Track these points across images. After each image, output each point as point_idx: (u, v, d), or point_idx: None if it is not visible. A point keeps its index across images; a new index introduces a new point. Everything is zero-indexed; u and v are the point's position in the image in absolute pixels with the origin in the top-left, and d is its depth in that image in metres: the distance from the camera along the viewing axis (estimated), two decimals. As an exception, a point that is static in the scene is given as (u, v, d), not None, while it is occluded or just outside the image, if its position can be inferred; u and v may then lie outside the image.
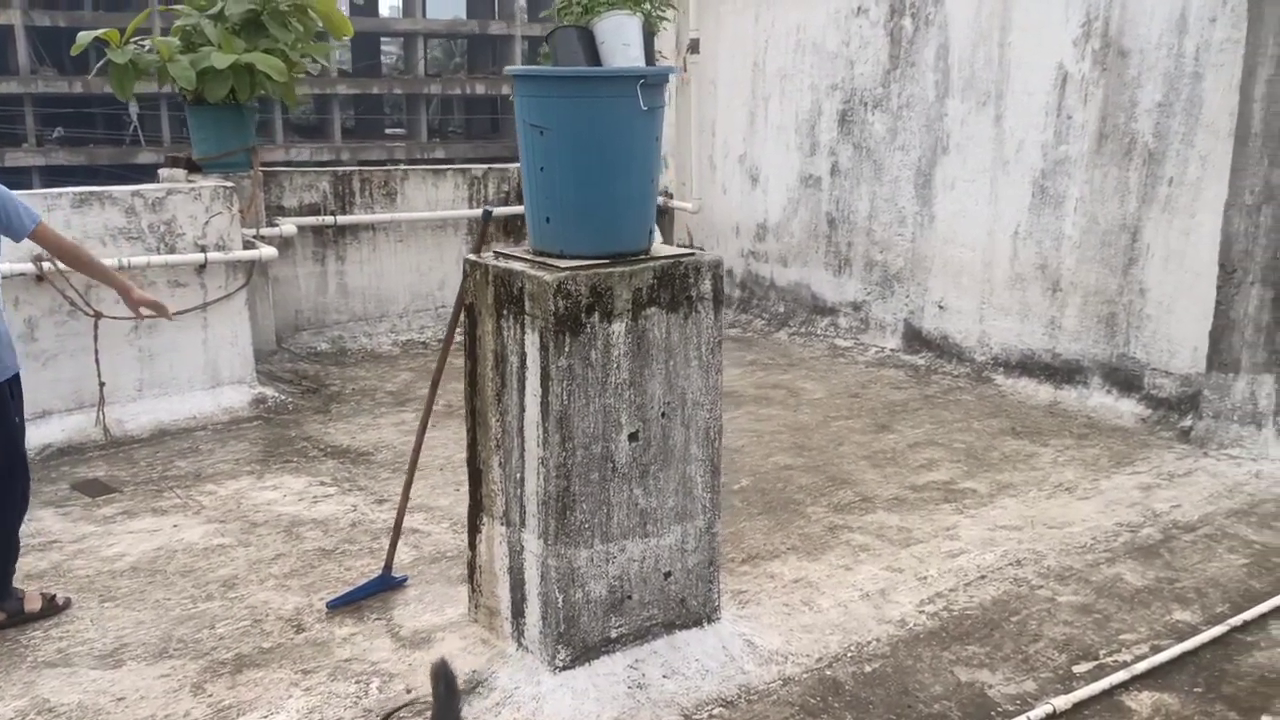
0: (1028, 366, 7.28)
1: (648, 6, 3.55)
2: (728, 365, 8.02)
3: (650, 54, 3.59)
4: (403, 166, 8.60)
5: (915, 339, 8.02)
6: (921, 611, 4.41)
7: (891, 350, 8.15)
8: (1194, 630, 4.24)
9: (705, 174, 9.51)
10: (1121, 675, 3.91)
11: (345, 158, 47.21)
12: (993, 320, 7.48)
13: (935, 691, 3.85)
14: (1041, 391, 7.14)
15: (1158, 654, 4.05)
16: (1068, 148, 6.86)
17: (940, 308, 7.81)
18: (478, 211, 8.71)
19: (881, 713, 3.72)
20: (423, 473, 5.83)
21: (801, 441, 6.40)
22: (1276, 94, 5.69)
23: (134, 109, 41.85)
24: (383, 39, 55.25)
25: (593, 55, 3.51)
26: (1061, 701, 3.73)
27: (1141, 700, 3.80)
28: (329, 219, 8.04)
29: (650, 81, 3.47)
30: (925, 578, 4.69)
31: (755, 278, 9.29)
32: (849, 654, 4.09)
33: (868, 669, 4.00)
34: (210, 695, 3.74)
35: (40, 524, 5.10)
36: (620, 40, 3.45)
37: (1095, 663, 4.04)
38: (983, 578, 4.69)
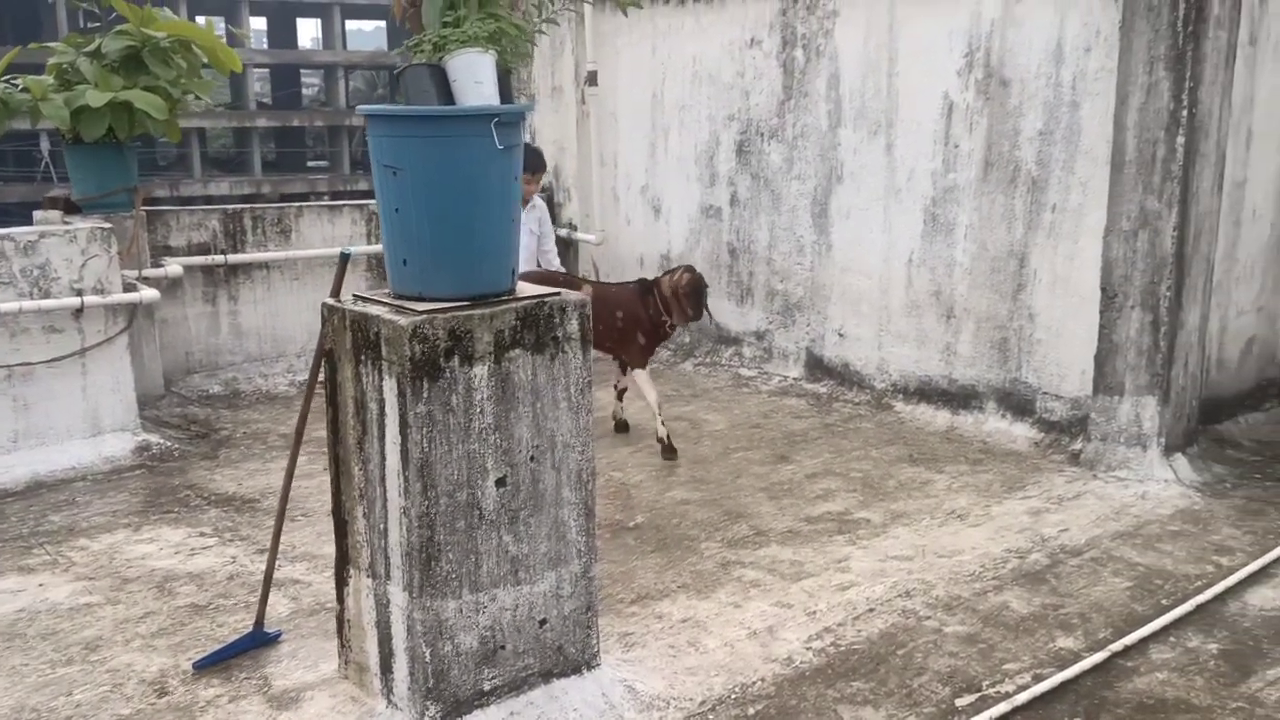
0: (925, 393, 7.32)
1: (503, 43, 3.48)
2: (632, 398, 7.96)
3: (506, 92, 3.52)
4: (297, 204, 8.43)
5: (817, 367, 8.03)
6: (808, 648, 4.36)
7: (794, 379, 8.16)
8: (1076, 657, 4.25)
9: (608, 205, 9.48)
10: (1003, 707, 3.89)
11: (266, 191, 46.58)
12: (891, 347, 7.52)
13: (817, 732, 3.80)
14: (939, 417, 7.18)
15: (1039, 683, 4.04)
16: (956, 176, 6.94)
17: (840, 335, 7.84)
18: (377, 248, 8.57)
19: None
20: (309, 519, 5.68)
21: (700, 475, 6.35)
22: (1148, 122, 5.81)
23: (45, 145, 40.88)
24: (303, 71, 54.77)
25: (445, 94, 3.43)
26: (941, 737, 3.69)
27: (1021, 732, 3.79)
28: (219, 258, 7.84)
29: (505, 120, 3.40)
30: (814, 612, 4.65)
31: (661, 309, 9.26)
32: (733, 696, 4.03)
33: (751, 711, 3.93)
34: None
35: (-105, 588, 4.85)
36: (473, 78, 3.39)
37: (978, 694, 4.02)
38: (871, 610, 4.66)
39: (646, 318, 6.76)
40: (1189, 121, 5.73)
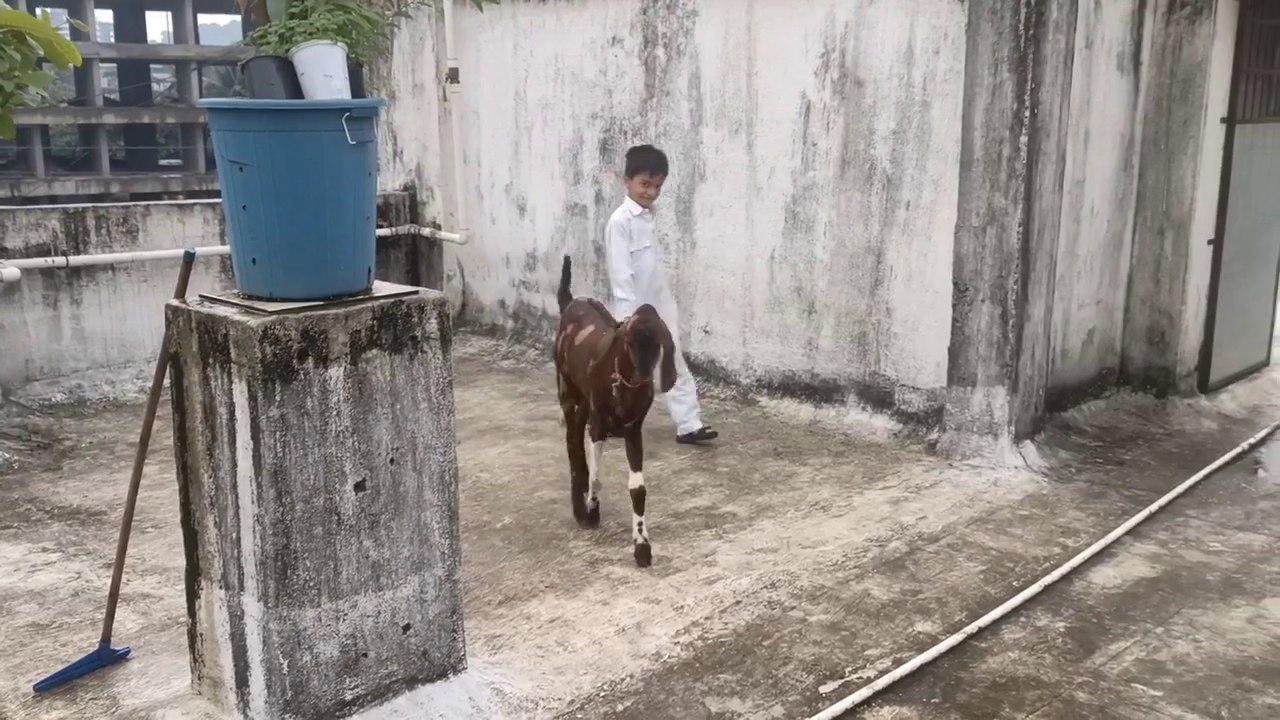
0: (789, 387, 7.45)
1: (354, 36, 3.39)
2: (499, 397, 7.89)
3: (359, 86, 3.44)
4: (144, 203, 8.08)
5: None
6: (676, 643, 4.38)
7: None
8: (933, 640, 4.37)
9: (473, 204, 9.37)
10: (864, 692, 3.98)
11: (116, 190, 44.50)
12: (755, 343, 7.63)
13: (685, 726, 3.82)
14: (802, 411, 7.31)
15: (899, 667, 4.15)
16: (815, 174, 7.08)
17: (706, 332, 7.91)
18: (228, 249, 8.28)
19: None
20: (160, 531, 5.45)
21: (567, 474, 6.29)
22: (994, 122, 6.03)
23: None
24: (153, 66, 52.62)
25: (294, 87, 3.33)
26: (805, 725, 3.76)
27: (882, 715, 3.88)
28: (60, 260, 7.47)
29: (356, 114, 3.32)
30: (682, 607, 4.67)
31: (527, 308, 9.20)
32: (601, 694, 4.02)
33: (619, 708, 3.93)
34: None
35: None
36: (321, 71, 3.29)
37: (841, 681, 4.10)
38: (738, 603, 4.72)
39: (604, 373, 5.08)
40: (1031, 121, 5.97)
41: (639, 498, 5.05)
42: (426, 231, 9.59)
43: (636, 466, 5.11)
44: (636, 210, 6.32)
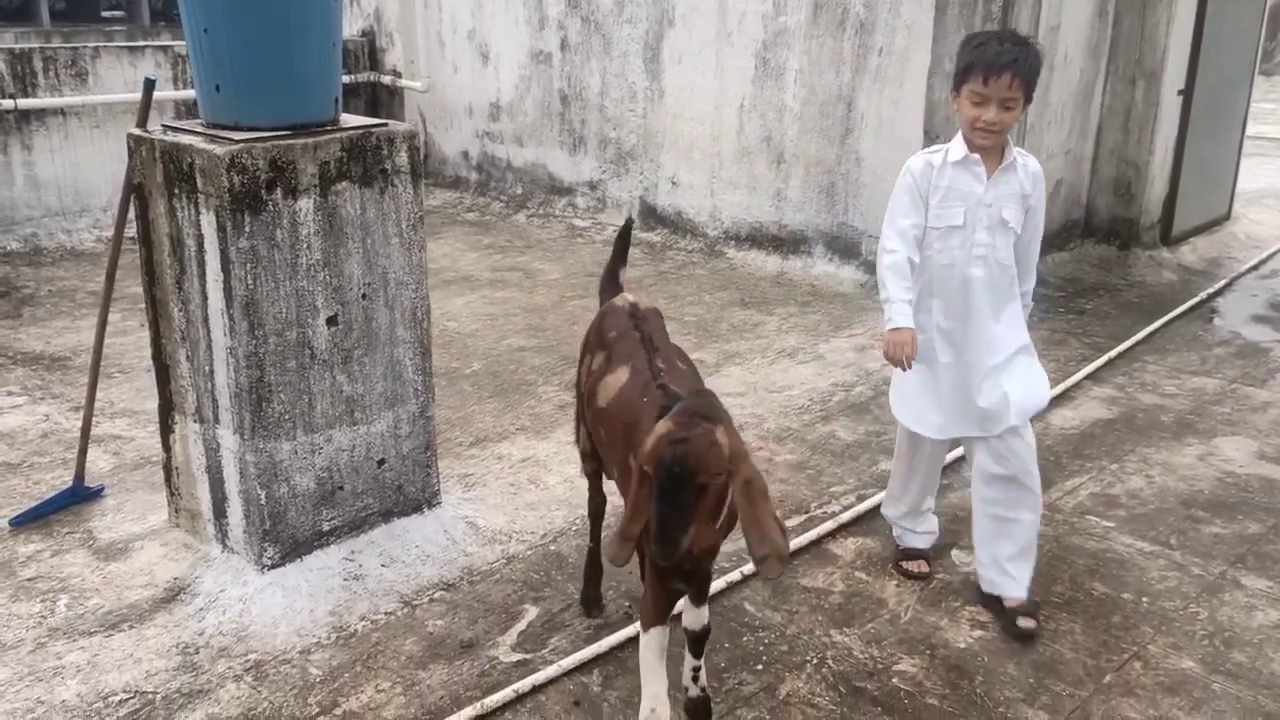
0: (756, 239, 7.44)
1: None
2: (464, 249, 7.84)
3: (321, -98, 3.28)
4: (93, 44, 7.78)
5: (650, 216, 8.05)
6: (646, 480, 4.46)
7: (628, 228, 8.15)
8: (896, 478, 4.49)
9: (434, 51, 9.11)
10: (829, 525, 4.10)
11: (56, 44, 42.79)
12: (723, 194, 7.58)
13: (656, 555, 3.91)
14: (770, 262, 7.33)
15: (862, 502, 4.27)
16: (786, 19, 6.93)
17: (673, 184, 7.85)
18: (187, 93, 8.04)
19: (602, 583, 3.75)
20: (127, 375, 5.43)
21: (536, 323, 6.33)
22: (971, -37, 5.89)
23: None
24: (89, -91, 49.95)
25: (253, -98, 3.17)
26: (773, 554, 3.86)
27: (846, 546, 4.00)
28: (7, 103, 7.21)
29: (320, -68, 3.18)
30: (651, 447, 4.75)
31: (491, 159, 9.06)
32: (574, 527, 4.11)
33: (590, 542, 4.02)
34: None
35: None
36: (283, -115, 3.13)
37: (807, 515, 4.22)
38: (706, 443, 4.79)
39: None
40: (1009, -36, 5.85)
41: (698, 640, 3.00)
42: (386, 80, 9.34)
43: (699, 600, 3.00)
44: (957, 153, 3.31)
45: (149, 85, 3.57)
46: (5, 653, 3.26)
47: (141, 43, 8.05)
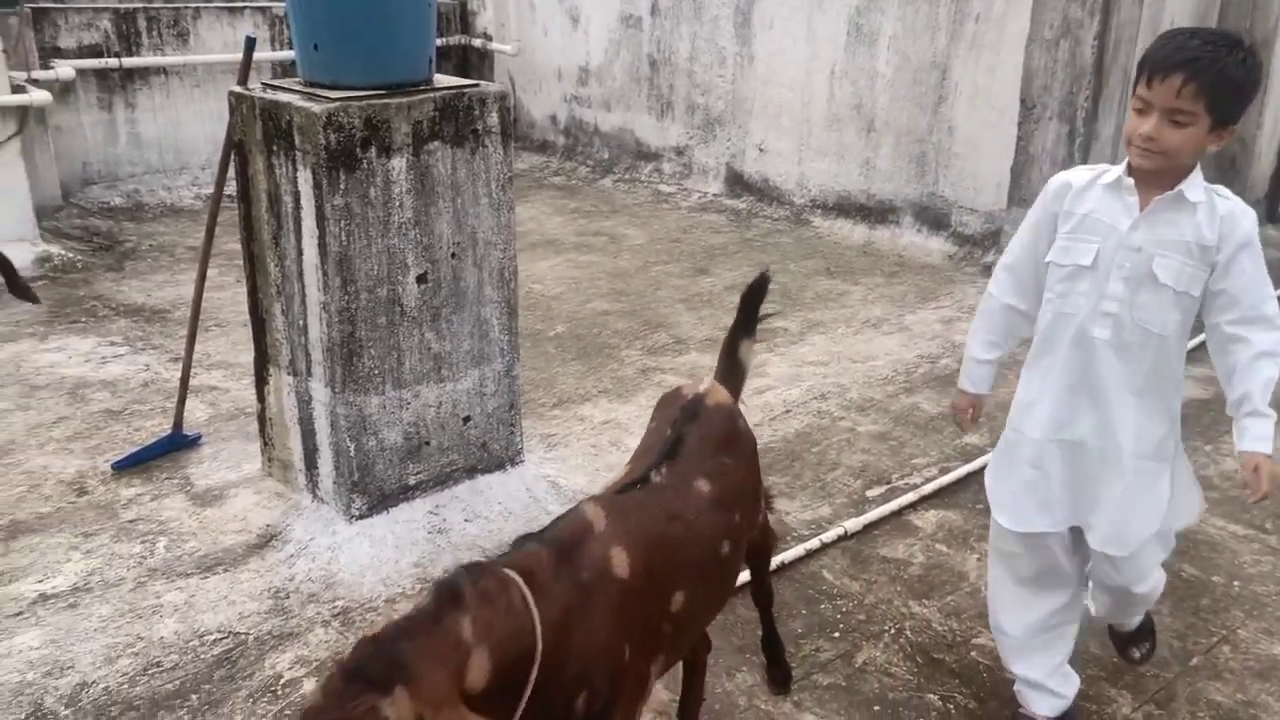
0: (843, 207, 7.36)
1: None
2: (550, 213, 7.88)
3: None
4: (194, 4, 7.95)
5: (737, 183, 8.00)
6: (727, 446, 4.47)
7: (714, 195, 8.12)
8: (981, 452, 4.43)
9: (525, 15, 9.13)
10: (910, 496, 4.07)
11: (138, 6, 43.70)
12: (811, 162, 7.50)
13: (734, 521, 3.93)
14: (856, 232, 7.25)
15: (945, 475, 4.22)
16: (882, -16, 6.81)
17: (760, 150, 7.78)
18: (282, 55, 8.19)
19: (680, 543, 3.78)
20: (223, 329, 5.59)
21: (620, 287, 6.35)
22: (1077, -74, 5.71)
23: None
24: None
25: None
26: (853, 523, 3.86)
27: (927, 518, 3.97)
28: (113, 61, 7.42)
29: (419, -108, 3.21)
30: (732, 414, 4.75)
31: (579, 124, 9.07)
32: (653, 490, 4.13)
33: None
34: (-21, 564, 3.54)
35: None
36: None
37: (888, 486, 4.19)
38: (788, 412, 4.79)
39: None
40: (1116, -72, 5.65)
41: None
42: (477, 43, 9.39)
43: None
44: (1111, 173, 2.61)
45: (250, 43, 3.65)
46: (108, 590, 3.40)
47: (240, 3, 8.20)
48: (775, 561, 3.59)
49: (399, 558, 3.59)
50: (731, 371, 2.89)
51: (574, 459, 4.33)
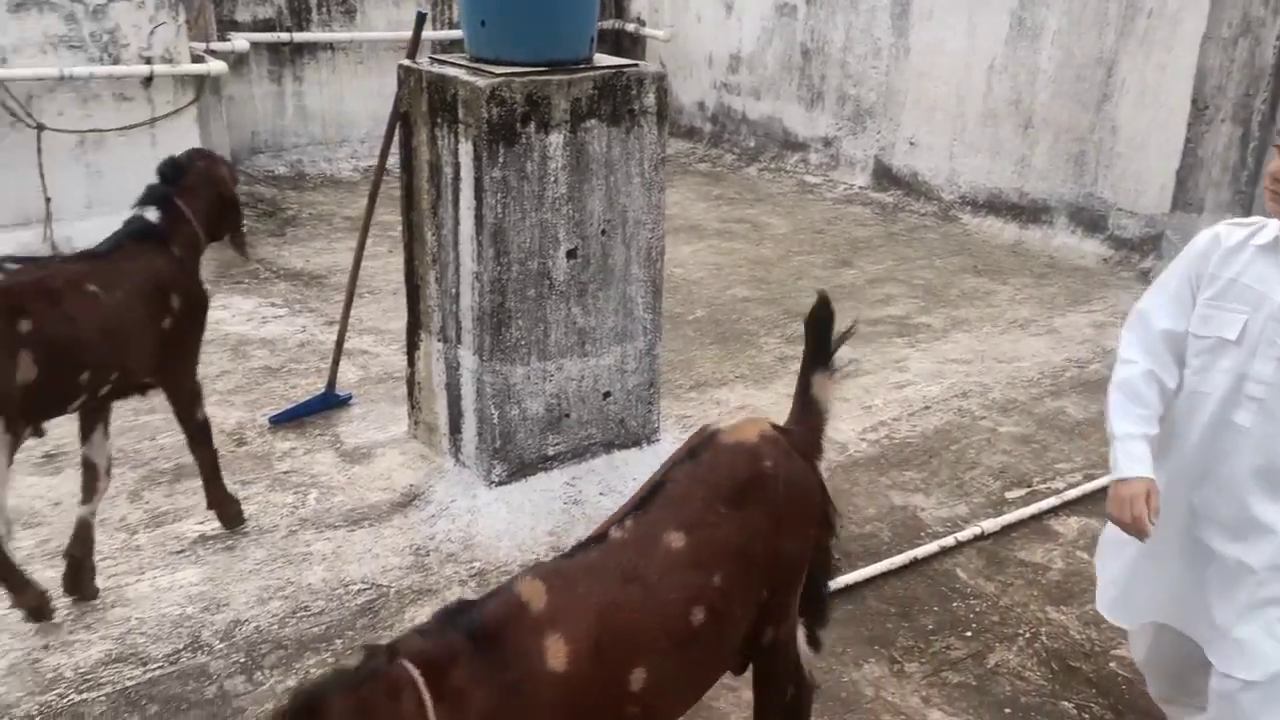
0: (994, 205, 7.18)
1: None
2: (694, 199, 7.90)
3: None
4: (363, -18, 8.23)
5: (885, 176, 7.88)
6: (863, 439, 4.44)
7: (860, 187, 8.02)
8: (1129, 461, 4.29)
9: (679, 1, 9.16)
10: (1052, 501, 3.97)
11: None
12: (963, 158, 7.34)
13: (868, 513, 3.91)
14: (1007, 231, 7.06)
15: (1090, 482, 4.10)
16: (1049, -24, 6.61)
17: (911, 144, 7.65)
18: (443, 34, 8.41)
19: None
20: (375, 296, 5.79)
21: (761, 275, 6.34)
22: (1265, -81, 5.43)
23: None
24: None
25: None
26: (990, 524, 3.79)
27: (1069, 525, 3.87)
28: (285, 36, 7.74)
29: (591, -127, 3.26)
30: (870, 407, 4.71)
31: (727, 111, 9.07)
32: (787, 477, 4.13)
33: None
34: (147, 502, 3.76)
35: (-17, 337, 5.04)
36: None
37: (1028, 489, 4.09)
38: (927, 408, 4.72)
39: None
40: (1308, -79, 5.36)
41: None
42: (630, 27, 9.47)
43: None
44: (1268, 230, 2.30)
45: (420, 19, 3.78)
46: (263, 535, 3.58)
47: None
48: (907, 556, 3.56)
49: (535, 525, 3.67)
50: (806, 411, 2.44)
51: (709, 441, 4.35)
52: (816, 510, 2.27)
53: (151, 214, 3.25)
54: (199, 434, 3.44)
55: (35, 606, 3.03)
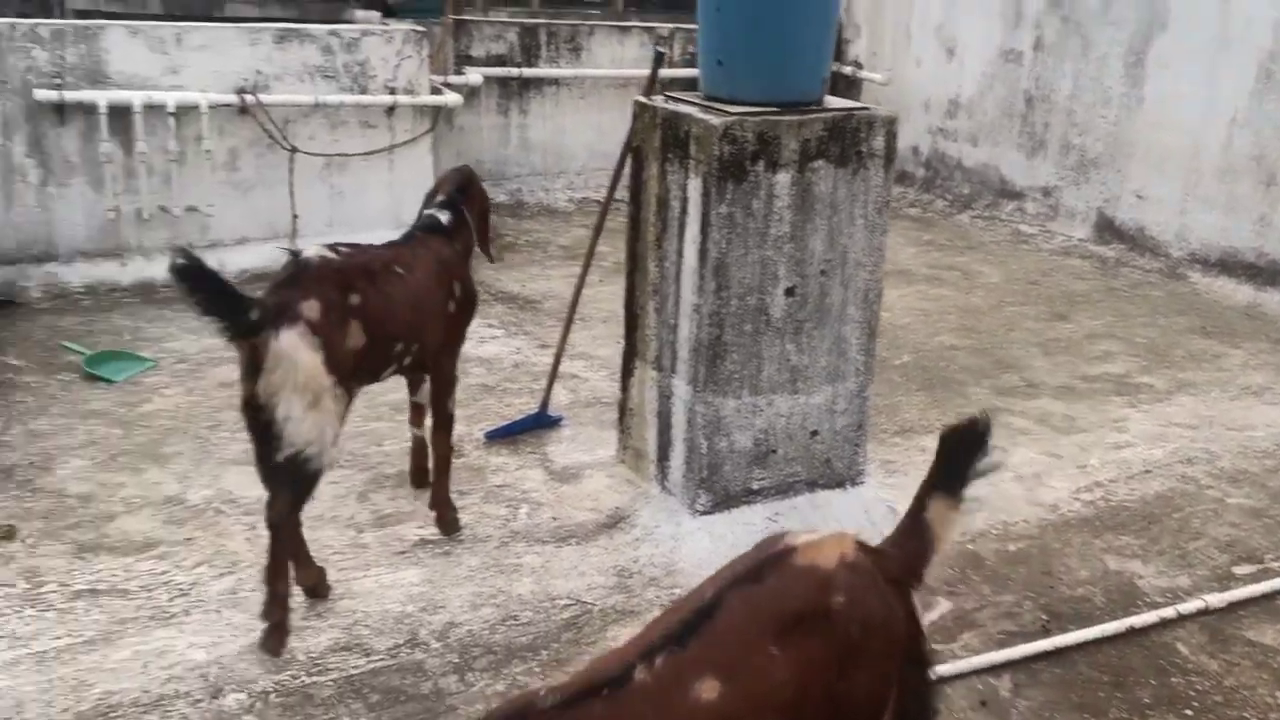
0: (1228, 265, 6.81)
1: None
2: (903, 244, 7.81)
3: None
4: (590, 23, 8.55)
5: (1107, 229, 7.60)
6: (1076, 499, 4.29)
7: (1079, 239, 7.75)
8: (1376, 545, 3.99)
9: (899, 44, 9.11)
10: (1285, 581, 3.73)
11: (542, 23, 47.02)
12: (1195, 213, 7.00)
13: (1080, 576, 3.77)
14: (1240, 292, 6.69)
15: (1330, 564, 3.84)
16: (1303, 27, 6.26)
17: (1138, 197, 7.35)
18: (664, 72, 8.62)
19: (1020, 590, 3.67)
20: (586, 323, 5.96)
21: (970, 324, 6.21)
22: None
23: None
24: (585, -99, 54.37)
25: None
26: (1216, 599, 3.59)
27: (1304, 608, 3.63)
28: (514, 71, 8.11)
29: (836, -80, 3.32)
30: (1085, 466, 4.55)
31: (941, 156, 8.93)
32: (994, 531, 4.04)
33: (1011, 547, 3.94)
34: (373, 504, 3.99)
35: (233, 340, 5.46)
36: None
37: (1259, 566, 3.86)
38: (1147, 472, 4.51)
39: None
40: None
41: None
42: (847, 70, 9.47)
43: None
44: None
45: (658, 58, 3.91)
46: (477, 544, 3.75)
47: (630, 23, 8.73)
48: (1123, 624, 3.42)
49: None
50: (914, 534, 2.17)
51: (912, 488, 4.20)
52: (900, 647, 1.96)
53: (444, 215, 3.78)
54: (445, 423, 3.84)
55: (312, 585, 3.35)
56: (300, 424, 3.00)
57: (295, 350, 2.98)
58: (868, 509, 4.02)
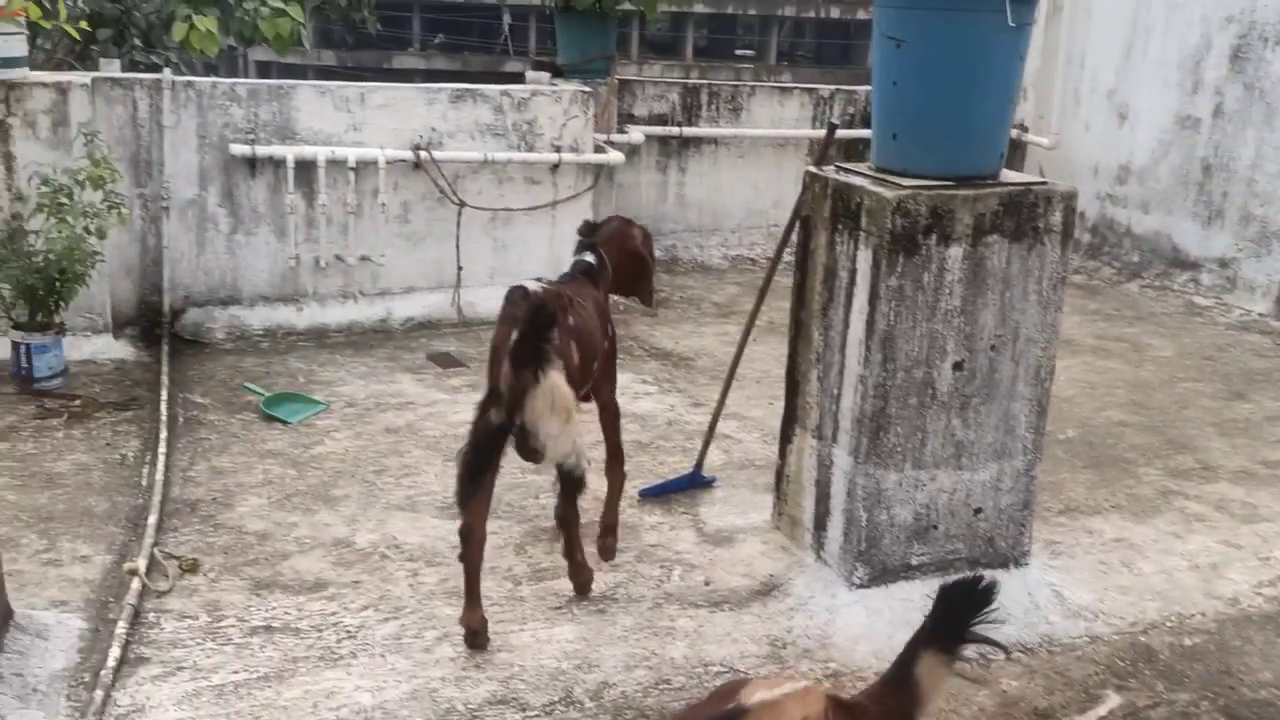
0: None
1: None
2: (1068, 311, 7.52)
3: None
4: (750, 83, 8.63)
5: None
6: (1259, 593, 4.07)
7: (1260, 314, 7.39)
8: None
9: (1068, 108, 8.90)
10: None
11: (694, 77, 47.75)
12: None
13: (1263, 677, 3.56)
14: None
15: None
16: None
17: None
18: (821, 132, 8.64)
19: (1197, 688, 3.49)
20: (740, 383, 5.92)
21: (1140, 399, 5.98)
22: None
23: (506, 19, 44.19)
24: (743, -45, 55.05)
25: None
26: None
27: None
28: (675, 130, 8.24)
29: (1021, -5, 3.30)
30: (1268, 559, 4.31)
31: (1110, 223, 8.67)
32: (1168, 623, 3.86)
33: (1187, 642, 3.75)
34: (530, 556, 4.07)
35: (398, 386, 5.66)
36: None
37: None
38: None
39: None
40: None
41: None
42: (1013, 133, 9.29)
43: None
44: None
45: (832, 129, 3.94)
46: (630, 604, 3.77)
47: (791, 84, 8.79)
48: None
49: (893, 634, 3.62)
50: (899, 687, 2.01)
51: (1080, 572, 4.14)
52: None
53: (590, 257, 4.08)
54: (617, 452, 4.14)
55: (475, 630, 3.47)
56: (559, 440, 3.38)
57: (556, 380, 3.32)
58: (1031, 592, 3.89)
